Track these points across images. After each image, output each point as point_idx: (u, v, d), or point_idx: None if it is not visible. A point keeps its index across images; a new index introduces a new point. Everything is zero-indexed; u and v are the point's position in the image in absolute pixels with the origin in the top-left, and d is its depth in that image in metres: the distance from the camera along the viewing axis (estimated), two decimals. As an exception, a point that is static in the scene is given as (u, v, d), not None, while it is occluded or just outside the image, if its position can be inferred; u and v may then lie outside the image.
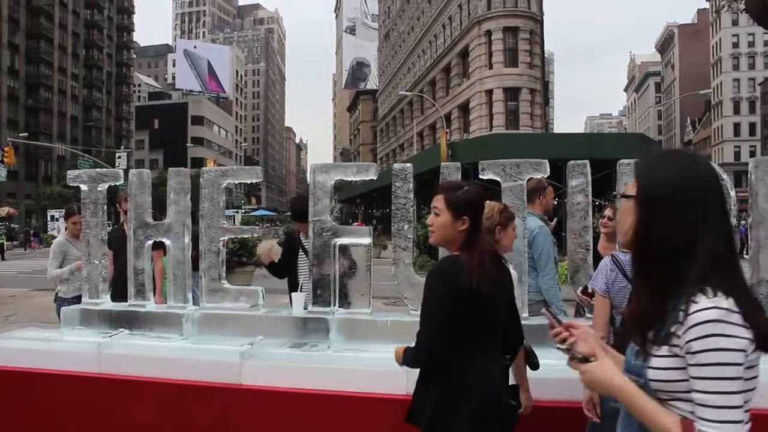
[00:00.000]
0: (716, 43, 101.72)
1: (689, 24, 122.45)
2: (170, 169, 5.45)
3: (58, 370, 4.73)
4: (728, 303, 1.65)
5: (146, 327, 5.27)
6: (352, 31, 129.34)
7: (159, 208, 5.58)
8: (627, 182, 1.94)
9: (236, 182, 5.54)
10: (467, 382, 2.86)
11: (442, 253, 4.86)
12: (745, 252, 5.40)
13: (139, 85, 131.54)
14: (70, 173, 5.63)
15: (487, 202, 3.35)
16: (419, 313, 2.96)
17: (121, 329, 5.27)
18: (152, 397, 4.56)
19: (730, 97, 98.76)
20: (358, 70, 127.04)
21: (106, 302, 5.51)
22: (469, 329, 2.86)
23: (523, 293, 4.57)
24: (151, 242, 5.42)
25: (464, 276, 2.77)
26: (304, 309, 5.03)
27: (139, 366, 4.67)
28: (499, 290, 2.92)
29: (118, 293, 5.66)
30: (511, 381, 3.36)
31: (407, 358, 3.01)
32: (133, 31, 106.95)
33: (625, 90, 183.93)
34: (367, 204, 63.30)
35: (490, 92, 46.17)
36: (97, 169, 5.81)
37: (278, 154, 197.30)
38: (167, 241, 5.33)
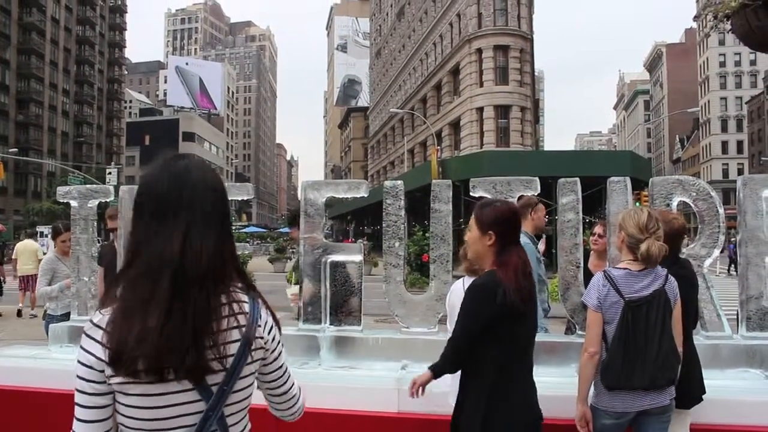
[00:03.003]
0: (704, 62, 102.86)
1: (677, 43, 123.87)
2: (161, 186, 5.44)
3: (46, 388, 4.67)
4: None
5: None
6: (343, 48, 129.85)
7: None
8: None
9: (228, 199, 5.52)
10: (515, 396, 3.00)
11: (433, 270, 4.88)
12: (734, 269, 5.44)
13: (131, 102, 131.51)
14: (61, 189, 5.59)
15: None
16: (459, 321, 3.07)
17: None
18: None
19: (718, 116, 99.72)
20: (350, 87, 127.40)
21: (95, 319, 5.47)
22: (510, 343, 2.97)
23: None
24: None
25: (501, 291, 2.86)
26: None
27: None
28: (532, 305, 3.04)
29: None
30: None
31: (437, 367, 3.15)
32: (125, 47, 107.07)
33: (615, 108, 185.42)
34: (358, 221, 63.30)
35: (480, 110, 46.39)
36: (88, 186, 5.79)
37: (269, 170, 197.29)
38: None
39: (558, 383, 4.08)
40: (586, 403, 3.38)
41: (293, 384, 2.03)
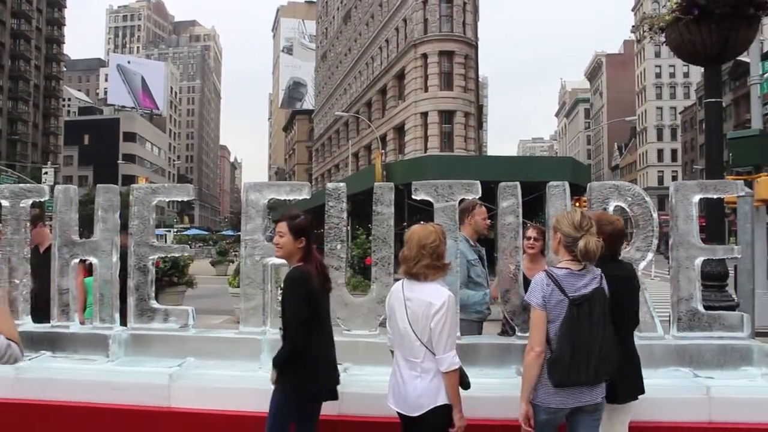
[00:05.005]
0: (641, 73, 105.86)
1: (616, 54, 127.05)
2: (98, 185, 5.31)
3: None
4: None
5: (70, 349, 5.10)
6: (289, 50, 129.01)
7: (88, 226, 5.42)
8: None
9: (167, 200, 5.44)
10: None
11: (375, 273, 4.89)
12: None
13: (69, 100, 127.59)
14: (-8, 188, 5.41)
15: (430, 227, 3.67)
16: (286, 312, 3.76)
17: (43, 352, 5.07)
18: (74, 424, 4.39)
19: (654, 125, 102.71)
20: (295, 89, 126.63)
21: (27, 323, 5.29)
22: (317, 315, 3.82)
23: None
24: (76, 261, 5.26)
25: (312, 281, 3.77)
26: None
27: (59, 391, 4.49)
28: (328, 287, 4.04)
29: (35, 313, 5.44)
30: (444, 401, 3.40)
31: (279, 357, 3.77)
32: (64, 43, 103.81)
33: (557, 115, 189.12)
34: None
35: (425, 114, 46.68)
36: (20, 185, 5.61)
37: (212, 172, 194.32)
38: (94, 260, 5.18)
39: (496, 385, 4.13)
40: (530, 401, 3.44)
41: None
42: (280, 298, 4.01)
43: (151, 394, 4.40)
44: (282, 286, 3.89)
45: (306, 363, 3.73)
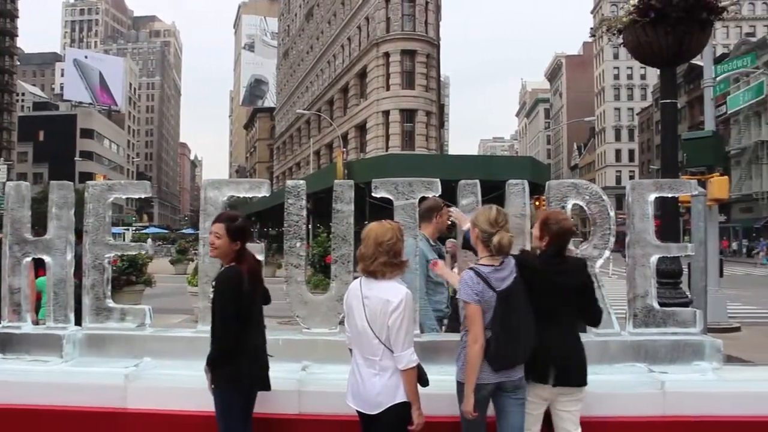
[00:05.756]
0: (599, 74, 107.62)
1: (576, 55, 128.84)
2: (52, 182, 5.19)
3: None
4: None
5: (22, 350, 4.97)
6: (251, 48, 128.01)
7: (44, 224, 5.30)
8: None
9: (124, 197, 5.35)
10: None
11: (335, 270, 4.87)
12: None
13: (23, 94, 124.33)
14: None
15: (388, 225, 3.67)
16: (216, 311, 3.80)
17: (-7, 353, 4.94)
18: (26, 428, 4.29)
19: (612, 125, 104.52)
20: (256, 87, 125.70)
21: (-24, 324, 5.14)
22: (248, 314, 3.85)
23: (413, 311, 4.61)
24: (29, 260, 5.13)
25: (244, 280, 3.80)
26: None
27: (10, 393, 4.37)
28: (260, 286, 4.02)
29: None
30: (403, 398, 3.41)
31: (209, 357, 3.82)
32: (17, 36, 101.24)
33: (517, 115, 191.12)
34: (262, 222, 62.55)
35: (387, 113, 46.74)
36: (-30, 182, 5.46)
37: (172, 170, 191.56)
38: (47, 259, 5.06)
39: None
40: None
41: None
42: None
43: (106, 396, 4.32)
44: (213, 285, 3.89)
45: (236, 359, 3.77)
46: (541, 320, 3.70)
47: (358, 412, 3.57)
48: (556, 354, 3.73)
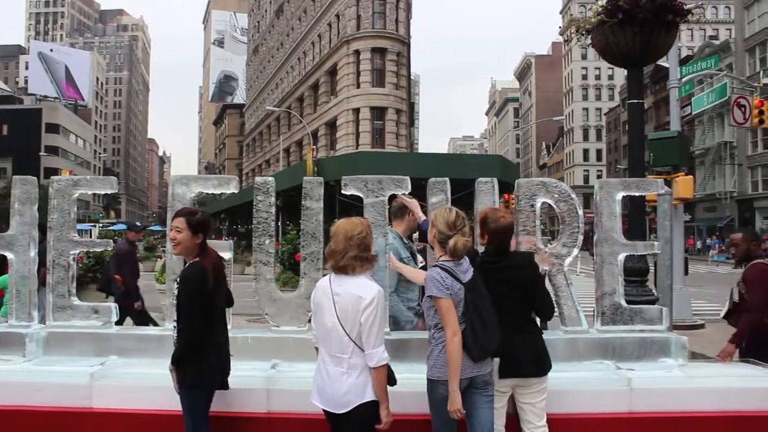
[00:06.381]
0: (568, 74, 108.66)
1: (545, 55, 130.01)
2: (15, 177, 5.08)
3: None
4: None
5: (-18, 349, 4.85)
6: (220, 43, 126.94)
7: (7, 220, 5.18)
8: None
9: (90, 193, 5.27)
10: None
11: (304, 268, 4.85)
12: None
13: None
14: None
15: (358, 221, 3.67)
16: (182, 307, 3.79)
17: (-47, 352, 4.82)
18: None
19: (580, 125, 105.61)
20: (226, 83, 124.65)
21: (-65, 323, 5.02)
22: (212, 310, 3.86)
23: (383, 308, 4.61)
24: (-9, 256, 5.02)
25: (209, 276, 3.81)
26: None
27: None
28: (223, 281, 4.06)
29: None
30: (371, 397, 3.40)
31: (175, 354, 3.79)
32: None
33: (487, 114, 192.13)
34: (231, 219, 62.11)
35: (357, 111, 46.69)
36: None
37: (140, 166, 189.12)
38: (10, 255, 4.95)
39: (422, 381, 4.15)
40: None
41: None
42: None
43: (71, 395, 4.25)
44: (178, 281, 3.85)
45: (202, 355, 3.79)
46: None
47: (324, 411, 3.55)
48: (504, 345, 3.73)
